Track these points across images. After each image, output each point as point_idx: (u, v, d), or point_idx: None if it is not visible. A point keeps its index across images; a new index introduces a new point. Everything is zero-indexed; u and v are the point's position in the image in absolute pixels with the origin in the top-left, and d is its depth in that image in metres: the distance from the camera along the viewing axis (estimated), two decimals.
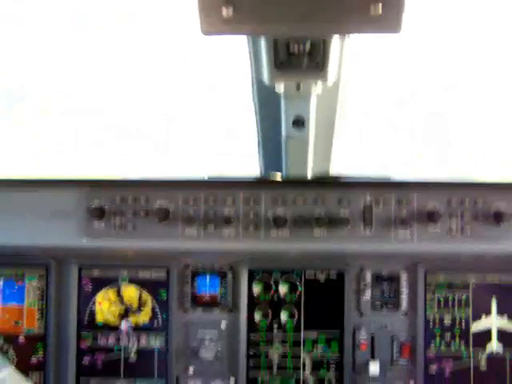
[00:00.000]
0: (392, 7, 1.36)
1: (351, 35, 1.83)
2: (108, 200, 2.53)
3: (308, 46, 1.70)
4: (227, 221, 2.45)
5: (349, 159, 3.26)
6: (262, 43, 1.75)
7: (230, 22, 1.38)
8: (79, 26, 3.25)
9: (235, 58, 2.47)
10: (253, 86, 2.30)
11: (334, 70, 1.92)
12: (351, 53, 2.08)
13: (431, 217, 2.42)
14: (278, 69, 1.78)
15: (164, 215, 2.46)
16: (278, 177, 2.65)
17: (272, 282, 2.69)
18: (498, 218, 2.43)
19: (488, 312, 2.66)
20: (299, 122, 2.21)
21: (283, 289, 2.69)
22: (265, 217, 2.49)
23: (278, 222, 2.44)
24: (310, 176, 2.66)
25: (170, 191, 2.53)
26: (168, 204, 2.51)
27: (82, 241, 2.53)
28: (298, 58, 1.73)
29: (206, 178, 2.62)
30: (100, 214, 2.49)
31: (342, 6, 1.37)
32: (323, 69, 1.78)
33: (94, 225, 2.52)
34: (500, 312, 2.65)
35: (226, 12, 1.36)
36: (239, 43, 1.99)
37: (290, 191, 2.51)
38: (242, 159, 3.23)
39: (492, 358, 2.65)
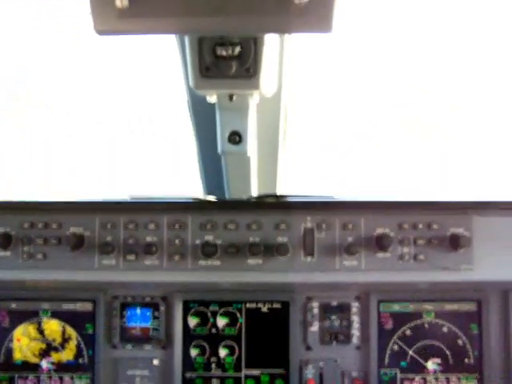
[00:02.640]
0: (318, 2, 1.16)
1: (285, 36, 1.66)
2: (14, 226, 2.29)
3: (238, 49, 1.50)
4: (149, 249, 2.22)
5: (298, 179, 3.06)
6: (187, 46, 1.55)
7: (126, 16, 1.17)
8: None
9: (166, 63, 2.28)
10: (187, 97, 2.14)
11: (271, 78, 1.74)
12: (291, 59, 1.92)
13: (380, 242, 2.23)
14: (204, 76, 1.58)
15: (77, 243, 2.24)
16: (210, 198, 2.44)
17: (209, 314, 2.47)
18: (454, 242, 2.24)
19: (448, 343, 2.44)
20: (236, 137, 2.03)
21: (222, 321, 2.46)
22: (192, 244, 2.26)
23: (207, 250, 2.23)
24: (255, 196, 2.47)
25: (85, 215, 2.30)
26: (82, 230, 2.28)
27: None
28: (225, 62, 1.52)
29: (128, 199, 2.41)
30: (5, 241, 2.25)
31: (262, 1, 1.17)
32: (254, 76, 1.58)
33: None
34: (460, 342, 2.45)
35: (121, 4, 1.15)
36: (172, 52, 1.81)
37: (220, 215, 2.29)
38: (183, 179, 3.00)
39: None
